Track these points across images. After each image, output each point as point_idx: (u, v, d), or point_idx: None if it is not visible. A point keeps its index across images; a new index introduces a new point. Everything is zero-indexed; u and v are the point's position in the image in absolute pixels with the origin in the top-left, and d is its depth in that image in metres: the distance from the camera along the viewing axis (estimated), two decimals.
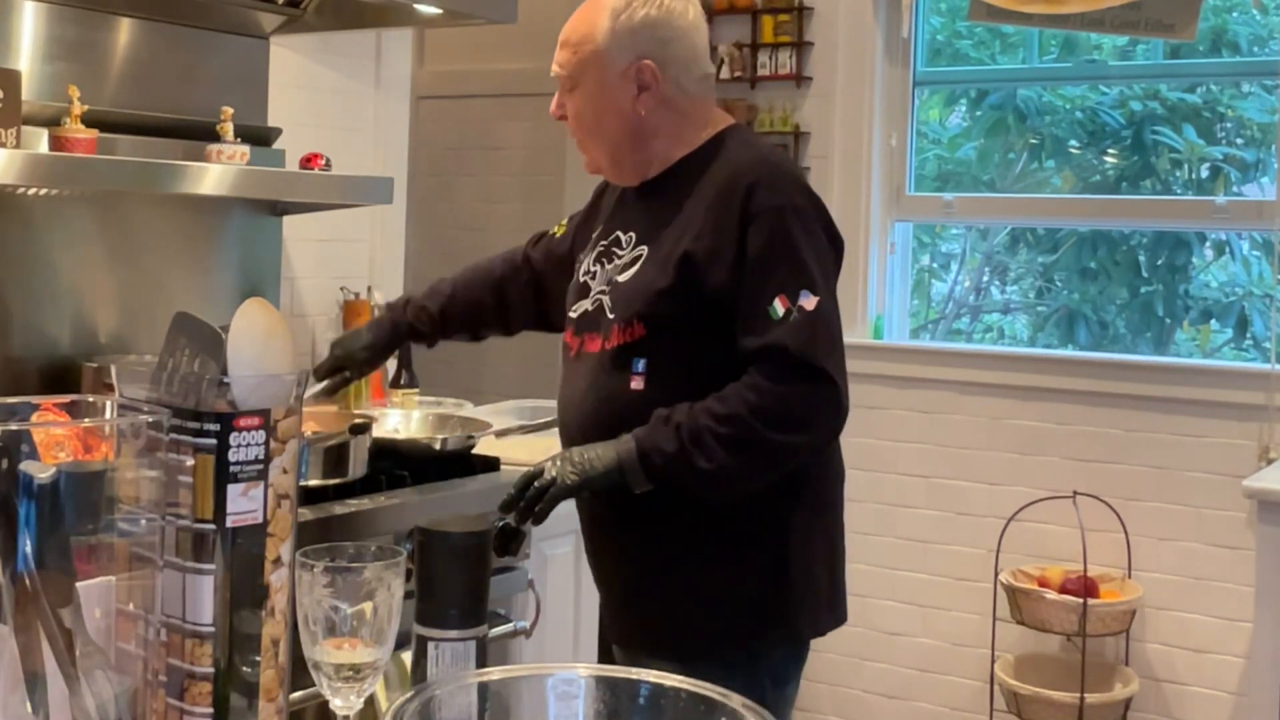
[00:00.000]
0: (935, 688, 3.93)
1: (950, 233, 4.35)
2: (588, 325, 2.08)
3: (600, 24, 2.03)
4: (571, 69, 2.06)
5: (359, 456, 2.44)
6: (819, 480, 2.07)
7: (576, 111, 2.09)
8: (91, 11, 2.68)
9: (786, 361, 1.90)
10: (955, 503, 3.87)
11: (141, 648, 1.12)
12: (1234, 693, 3.51)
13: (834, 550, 2.10)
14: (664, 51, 2.03)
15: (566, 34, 2.08)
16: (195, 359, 1.20)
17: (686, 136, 2.08)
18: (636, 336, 2.00)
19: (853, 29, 4.03)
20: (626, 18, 2.03)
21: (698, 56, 2.08)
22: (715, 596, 2.01)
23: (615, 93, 2.04)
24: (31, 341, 2.62)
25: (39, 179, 2.31)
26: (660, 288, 1.98)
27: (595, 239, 2.18)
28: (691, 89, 2.07)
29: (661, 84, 2.03)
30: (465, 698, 1.09)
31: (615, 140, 2.08)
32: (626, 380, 2.00)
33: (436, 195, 4.89)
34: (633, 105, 2.04)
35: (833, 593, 2.09)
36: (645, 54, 2.02)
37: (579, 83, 2.06)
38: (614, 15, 2.03)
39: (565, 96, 2.10)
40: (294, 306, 3.24)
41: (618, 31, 2.02)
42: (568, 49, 2.07)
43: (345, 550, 1.20)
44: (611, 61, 2.03)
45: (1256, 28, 3.84)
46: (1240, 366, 3.67)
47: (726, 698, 1.06)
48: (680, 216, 2.02)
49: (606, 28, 2.03)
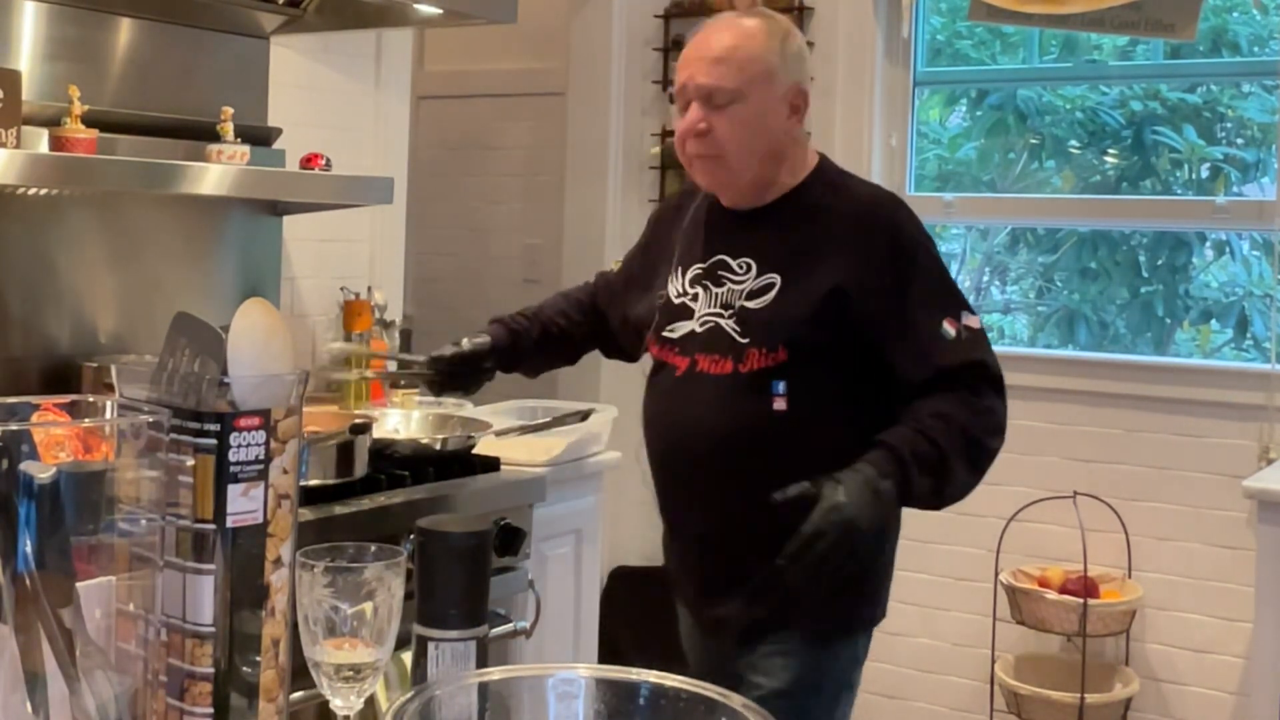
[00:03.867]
0: (935, 688, 3.93)
1: (950, 233, 4.35)
2: (702, 347, 2.16)
3: (770, 45, 2.14)
4: (737, 84, 2.11)
5: (360, 457, 2.44)
6: None
7: (727, 127, 2.12)
8: (91, 11, 2.68)
9: (987, 375, 2.13)
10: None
11: (141, 648, 1.12)
12: (1234, 693, 3.51)
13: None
14: (805, 84, 2.18)
15: (724, 51, 2.12)
16: (195, 359, 1.20)
17: (799, 165, 2.21)
18: (779, 361, 2.10)
19: (853, 29, 4.03)
20: (794, 44, 2.17)
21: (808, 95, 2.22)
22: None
23: (777, 111, 2.14)
24: (31, 341, 2.62)
25: (39, 179, 2.31)
26: (807, 316, 2.09)
27: (685, 262, 2.25)
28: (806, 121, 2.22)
29: (804, 111, 2.18)
30: (465, 698, 1.09)
31: (758, 159, 2.15)
32: (768, 401, 2.09)
33: (436, 195, 4.89)
34: (784, 126, 2.16)
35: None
36: (800, 79, 2.17)
37: (740, 98, 2.11)
38: (783, 39, 2.16)
39: (711, 111, 2.12)
40: (294, 306, 3.24)
41: (788, 55, 2.15)
42: (729, 65, 2.11)
43: (345, 550, 1.20)
44: (779, 82, 2.13)
45: (1256, 28, 3.84)
46: (1240, 366, 3.67)
47: (726, 698, 1.06)
48: (815, 246, 2.13)
49: (779, 49, 2.14)
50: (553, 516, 2.85)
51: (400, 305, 3.53)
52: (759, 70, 2.11)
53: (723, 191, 2.22)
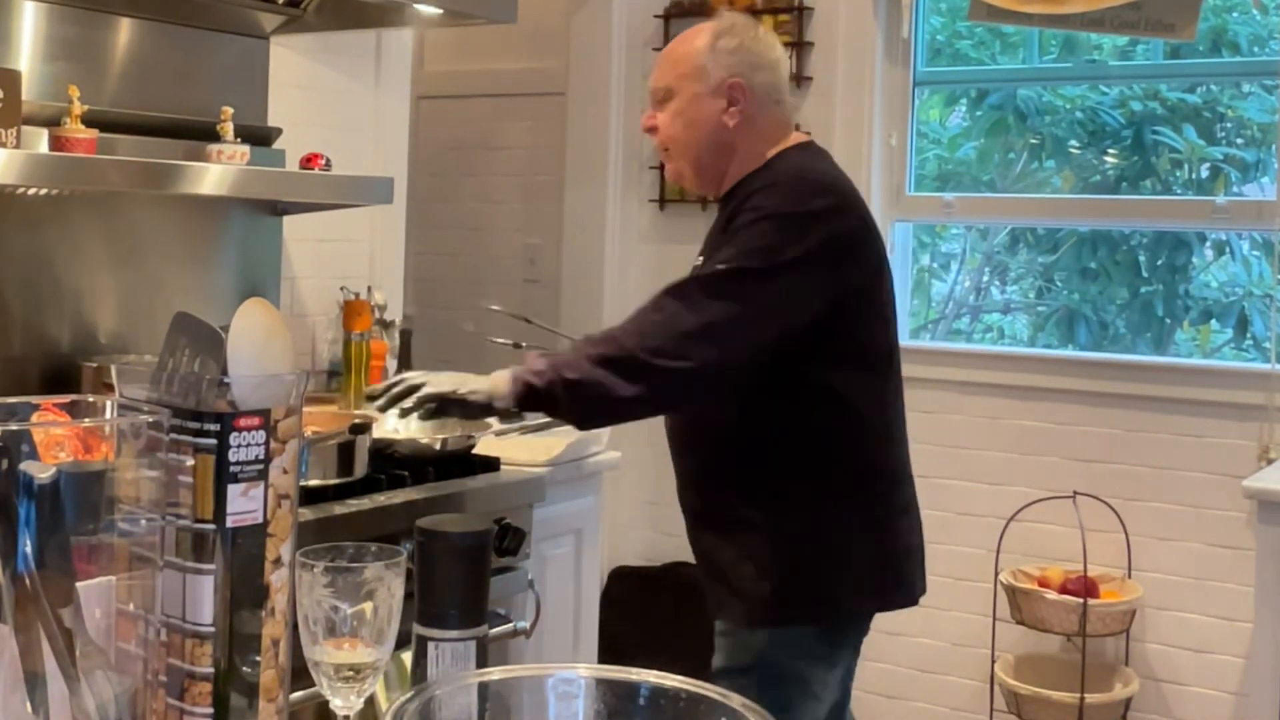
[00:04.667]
0: (935, 688, 3.93)
1: (950, 233, 4.35)
2: None
3: (701, 43, 2.29)
4: (669, 81, 2.31)
5: (360, 457, 2.44)
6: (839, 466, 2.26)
7: (669, 123, 2.30)
8: (91, 11, 2.68)
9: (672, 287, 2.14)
10: (955, 503, 3.87)
11: (141, 648, 1.12)
12: (1234, 693, 3.51)
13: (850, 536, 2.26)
14: (752, 76, 2.28)
15: (667, 53, 2.36)
16: (195, 359, 1.20)
17: (753, 156, 2.30)
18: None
19: (853, 29, 4.02)
20: (725, 41, 2.29)
21: (779, 88, 2.33)
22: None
23: (708, 104, 2.28)
24: (31, 341, 2.62)
25: (39, 179, 2.31)
26: None
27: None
28: (771, 111, 2.31)
29: (747, 102, 2.27)
30: (465, 698, 1.09)
31: (700, 148, 2.30)
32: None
33: (436, 195, 4.89)
34: (720, 117, 2.27)
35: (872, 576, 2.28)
36: (737, 74, 2.27)
37: (674, 94, 2.30)
38: (715, 36, 2.29)
39: (657, 109, 2.33)
40: (294, 306, 3.24)
41: (717, 50, 2.28)
42: (662, 66, 2.34)
43: (345, 550, 1.20)
44: (707, 75, 2.27)
45: (1256, 28, 3.84)
46: (1240, 366, 3.67)
47: (726, 698, 1.06)
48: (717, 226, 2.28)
49: (707, 45, 2.29)
50: (553, 516, 2.85)
51: (400, 305, 3.53)
52: (688, 67, 2.28)
53: (683, 182, 2.41)
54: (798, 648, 2.23)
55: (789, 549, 2.22)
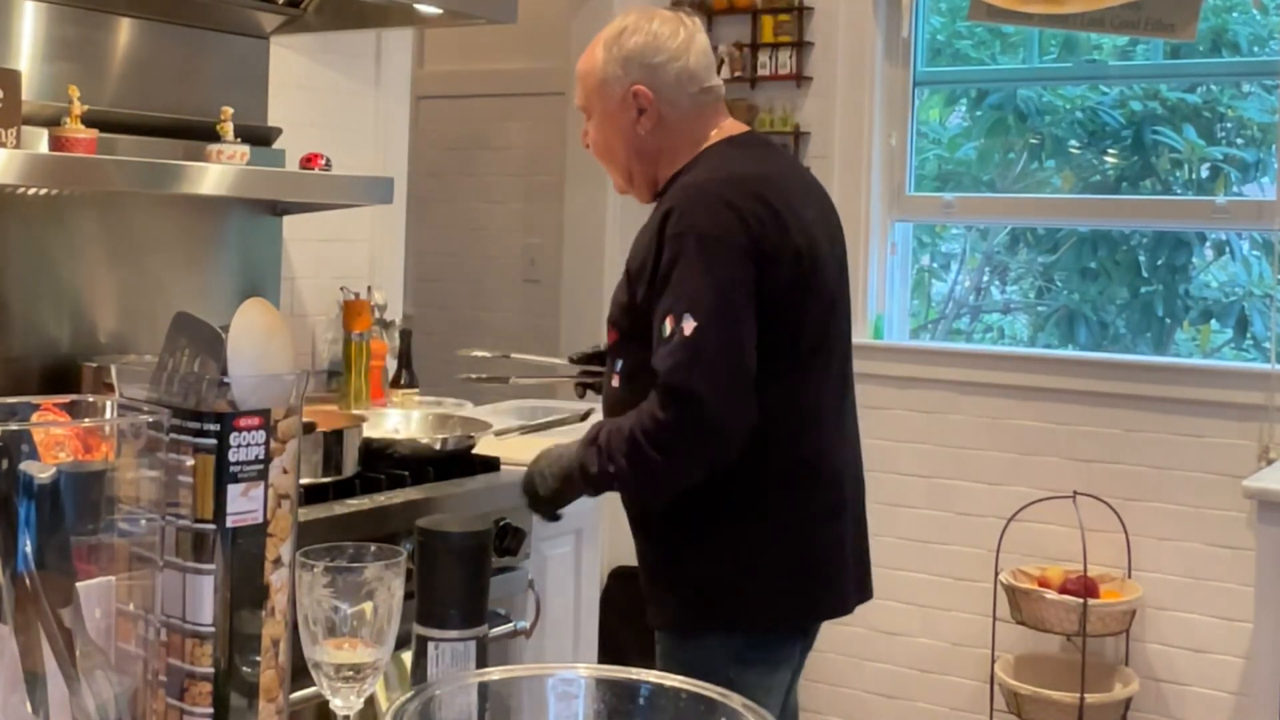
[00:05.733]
0: (935, 688, 3.93)
1: (950, 233, 4.35)
2: None
3: (599, 56, 2.22)
4: (584, 100, 2.27)
5: (349, 455, 2.44)
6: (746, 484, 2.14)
7: (595, 138, 2.29)
8: (91, 11, 2.68)
9: (661, 384, 2.04)
10: (955, 503, 3.87)
11: (141, 648, 1.12)
12: (1234, 693, 3.51)
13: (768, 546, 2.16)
14: (654, 77, 2.19)
15: (578, 69, 2.28)
16: (195, 359, 1.20)
17: (684, 153, 2.23)
18: (612, 340, 2.23)
19: (853, 29, 4.03)
20: (618, 48, 2.21)
21: (692, 75, 2.22)
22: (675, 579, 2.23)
23: (619, 118, 2.22)
24: (31, 341, 2.62)
25: (39, 179, 2.31)
26: (620, 300, 2.20)
27: None
28: (687, 106, 2.22)
29: (657, 106, 2.20)
30: (465, 698, 1.09)
31: (626, 161, 2.26)
32: (611, 380, 2.23)
33: (436, 195, 4.89)
34: (633, 128, 2.22)
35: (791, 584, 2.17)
36: (637, 80, 2.20)
37: (591, 112, 2.27)
38: (607, 47, 2.22)
39: (588, 125, 2.30)
40: (294, 306, 3.24)
41: (610, 61, 2.21)
42: (579, 82, 2.27)
43: (345, 550, 1.20)
44: (610, 90, 2.21)
45: (1256, 28, 3.84)
46: (1240, 366, 3.67)
47: (726, 698, 1.06)
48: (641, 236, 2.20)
49: (601, 59, 2.22)
50: None
51: (400, 305, 3.53)
52: (593, 82, 2.23)
53: (626, 193, 2.37)
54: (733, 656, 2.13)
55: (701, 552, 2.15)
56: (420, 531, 1.27)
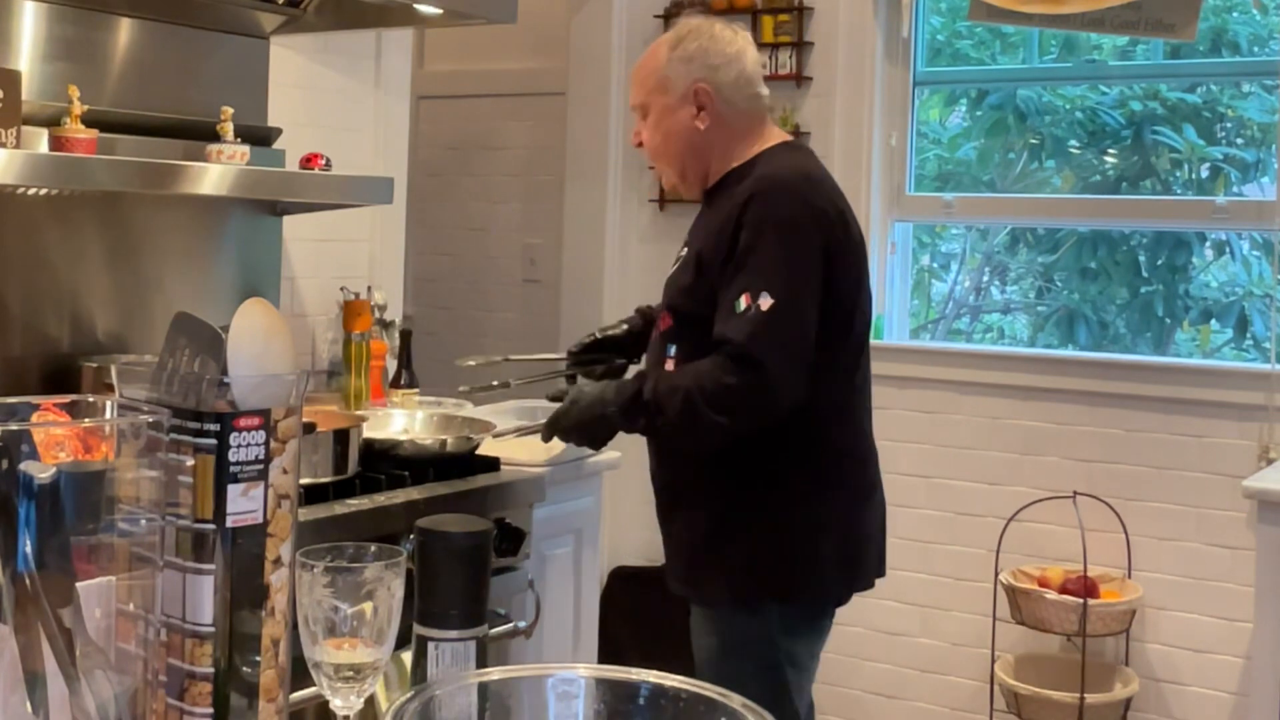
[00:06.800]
0: (935, 688, 3.93)
1: (950, 233, 4.35)
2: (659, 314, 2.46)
3: (662, 56, 2.41)
4: (641, 99, 2.43)
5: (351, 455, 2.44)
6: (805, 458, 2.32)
7: (648, 137, 2.43)
8: (91, 11, 2.68)
9: (732, 351, 2.18)
10: (955, 503, 3.87)
11: (141, 648, 1.12)
12: (1234, 693, 3.51)
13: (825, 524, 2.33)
14: (715, 76, 2.38)
15: (635, 70, 2.47)
16: (195, 359, 1.20)
17: (737, 151, 2.40)
18: (667, 325, 2.36)
19: (853, 29, 4.02)
20: (681, 49, 2.39)
21: (748, 79, 2.41)
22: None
23: (679, 112, 2.39)
24: (31, 341, 2.62)
25: (39, 179, 2.30)
26: (683, 284, 2.34)
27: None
28: (743, 107, 2.40)
29: (716, 103, 2.37)
30: (465, 698, 1.09)
31: (681, 156, 2.42)
32: (663, 364, 2.33)
33: (436, 195, 4.89)
34: (691, 123, 2.38)
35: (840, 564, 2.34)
36: (700, 78, 2.37)
37: (649, 109, 2.42)
38: (671, 47, 2.40)
39: (640, 125, 2.46)
40: (294, 306, 3.24)
41: (674, 60, 2.39)
42: (636, 82, 2.45)
43: (345, 550, 1.20)
44: (673, 86, 2.38)
45: (1256, 28, 3.84)
46: (1240, 366, 3.67)
47: (726, 698, 1.06)
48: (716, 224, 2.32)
49: (665, 58, 2.40)
50: (553, 516, 2.86)
51: (400, 305, 3.53)
52: (654, 81, 2.40)
53: (675, 187, 2.53)
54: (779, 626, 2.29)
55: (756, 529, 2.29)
56: (420, 531, 1.27)
